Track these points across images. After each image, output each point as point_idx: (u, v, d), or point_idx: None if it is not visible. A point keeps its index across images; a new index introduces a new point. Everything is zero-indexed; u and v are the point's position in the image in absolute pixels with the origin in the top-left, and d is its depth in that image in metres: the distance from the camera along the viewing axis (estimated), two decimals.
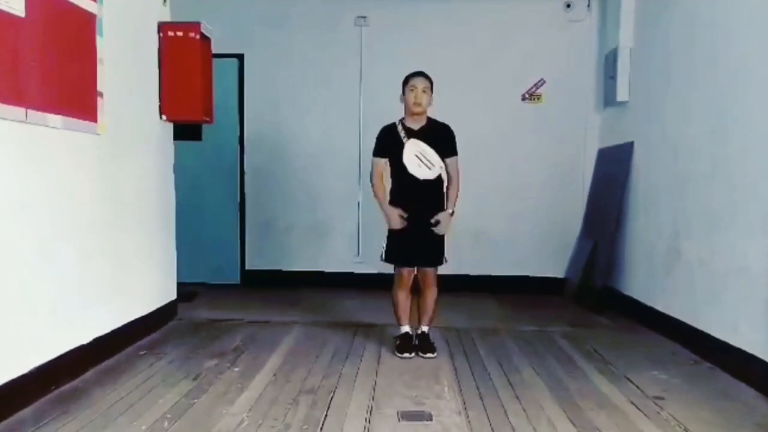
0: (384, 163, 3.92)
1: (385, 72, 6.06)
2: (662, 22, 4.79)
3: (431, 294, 3.98)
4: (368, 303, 5.21)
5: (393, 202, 3.92)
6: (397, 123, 3.91)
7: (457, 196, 3.89)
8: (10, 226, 2.82)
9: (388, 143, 3.88)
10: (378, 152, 3.94)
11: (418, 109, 3.81)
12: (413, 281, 4.00)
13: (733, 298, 3.65)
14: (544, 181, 6.13)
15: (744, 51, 3.68)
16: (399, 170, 3.85)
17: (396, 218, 3.86)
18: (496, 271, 6.10)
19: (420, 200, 3.85)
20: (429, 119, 3.91)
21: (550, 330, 4.61)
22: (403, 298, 3.97)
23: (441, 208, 3.88)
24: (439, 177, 3.87)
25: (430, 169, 3.81)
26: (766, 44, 3.43)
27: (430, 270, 3.95)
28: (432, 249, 3.90)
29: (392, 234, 3.92)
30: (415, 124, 3.87)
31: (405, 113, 3.90)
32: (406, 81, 3.87)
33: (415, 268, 3.95)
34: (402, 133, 3.84)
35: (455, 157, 3.90)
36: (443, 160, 3.85)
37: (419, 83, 3.80)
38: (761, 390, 3.26)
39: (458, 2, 6.05)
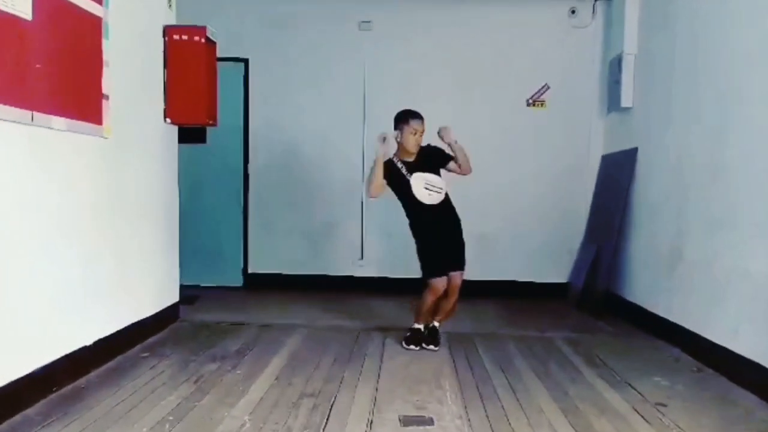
0: (384, 183, 4.12)
1: (389, 76, 6.11)
2: (666, 28, 4.79)
3: (455, 298, 4.17)
4: (370, 306, 5.22)
5: (416, 228, 4.15)
6: (394, 160, 4.12)
7: (466, 158, 4.14)
8: (14, 226, 2.83)
9: (392, 176, 4.09)
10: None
11: (416, 150, 4.09)
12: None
13: (734, 304, 3.64)
14: (548, 186, 6.13)
15: (746, 57, 3.68)
16: (412, 203, 4.10)
17: (382, 144, 4.05)
18: (499, 275, 6.09)
19: (438, 217, 4.12)
20: None
21: (553, 335, 4.60)
22: (432, 304, 4.15)
23: (454, 212, 4.18)
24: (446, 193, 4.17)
25: (439, 193, 4.10)
26: None
27: (459, 276, 4.12)
28: (458, 253, 4.16)
29: (425, 251, 4.13)
30: (410, 157, 4.11)
31: (399, 150, 4.13)
32: (406, 121, 4.06)
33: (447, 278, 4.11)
34: (403, 170, 4.07)
35: (452, 158, 4.14)
36: (447, 169, 4.13)
37: (420, 127, 4.06)
38: (763, 397, 3.26)
39: (463, 7, 6.06)
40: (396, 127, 4.09)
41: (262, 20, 6.16)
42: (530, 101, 6.15)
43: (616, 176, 5.54)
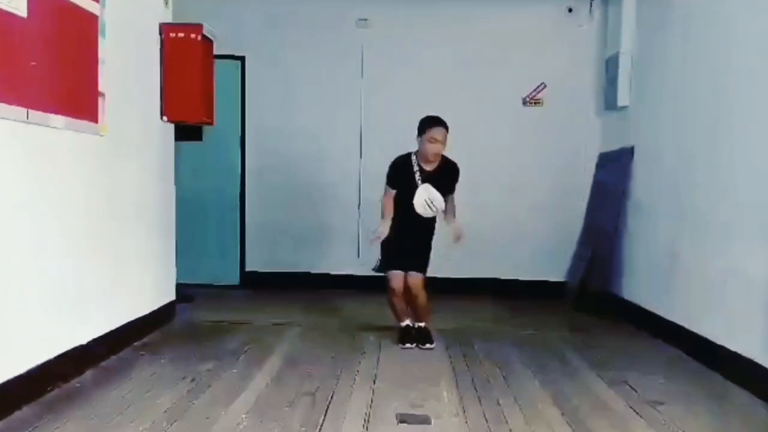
0: (394, 193, 4.16)
1: (386, 74, 6.10)
2: (663, 27, 4.79)
3: (421, 299, 4.18)
4: (368, 305, 5.21)
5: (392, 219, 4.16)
6: (413, 158, 4.09)
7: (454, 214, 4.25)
8: (9, 225, 2.82)
9: (402, 176, 4.11)
10: (391, 184, 4.15)
11: (435, 159, 4.07)
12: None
13: (731, 303, 3.65)
14: (544, 184, 6.14)
15: (742, 58, 3.69)
16: (406, 203, 4.09)
17: (384, 232, 4.12)
18: (495, 274, 6.10)
19: (415, 220, 4.14)
20: (441, 157, 4.10)
21: (550, 334, 4.60)
22: (398, 300, 4.22)
23: (432, 225, 4.22)
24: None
25: (434, 212, 4.13)
26: (764, 51, 3.44)
27: (416, 276, 4.12)
28: (418, 255, 4.17)
29: (387, 243, 4.14)
30: (429, 166, 4.08)
31: (419, 154, 4.08)
32: (424, 128, 4.01)
33: (404, 275, 4.14)
34: (417, 174, 4.06)
35: (454, 194, 4.22)
36: (445, 197, 4.12)
37: (438, 135, 3.97)
38: (759, 395, 3.26)
39: (460, 5, 6.06)
40: (418, 132, 4.05)
41: (258, 18, 6.14)
42: (527, 100, 6.15)
43: (613, 175, 5.54)
